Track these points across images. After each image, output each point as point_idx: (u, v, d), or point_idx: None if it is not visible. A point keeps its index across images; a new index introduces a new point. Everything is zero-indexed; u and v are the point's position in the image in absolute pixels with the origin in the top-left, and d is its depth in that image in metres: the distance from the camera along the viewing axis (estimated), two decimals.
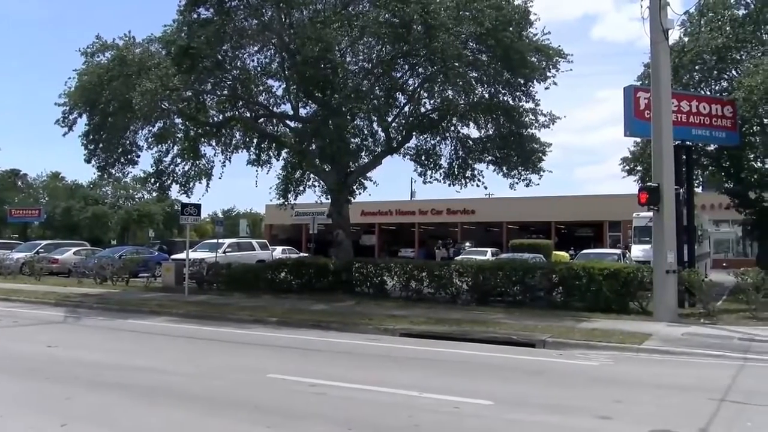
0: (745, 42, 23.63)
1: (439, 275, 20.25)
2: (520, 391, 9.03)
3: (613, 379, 10.11)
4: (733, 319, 16.17)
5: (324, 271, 22.76)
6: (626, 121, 19.17)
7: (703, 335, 13.79)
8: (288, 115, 25.16)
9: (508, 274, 19.25)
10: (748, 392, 8.87)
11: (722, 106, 20.92)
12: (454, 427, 7.30)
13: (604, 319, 15.87)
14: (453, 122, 24.84)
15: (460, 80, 21.20)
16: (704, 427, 7.09)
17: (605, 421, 7.43)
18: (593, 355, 11.99)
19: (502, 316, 16.54)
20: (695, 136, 20.56)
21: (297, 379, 9.54)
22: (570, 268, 19.01)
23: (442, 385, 9.20)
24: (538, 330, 14.13)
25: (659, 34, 16.40)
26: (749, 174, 25.21)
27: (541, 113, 23.43)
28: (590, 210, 50.19)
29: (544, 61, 22.09)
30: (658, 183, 16.40)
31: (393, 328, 14.83)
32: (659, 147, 16.57)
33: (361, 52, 23.44)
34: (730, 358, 11.57)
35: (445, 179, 25.68)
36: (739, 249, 47.55)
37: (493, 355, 12.06)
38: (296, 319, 16.39)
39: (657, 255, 16.54)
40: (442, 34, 19.44)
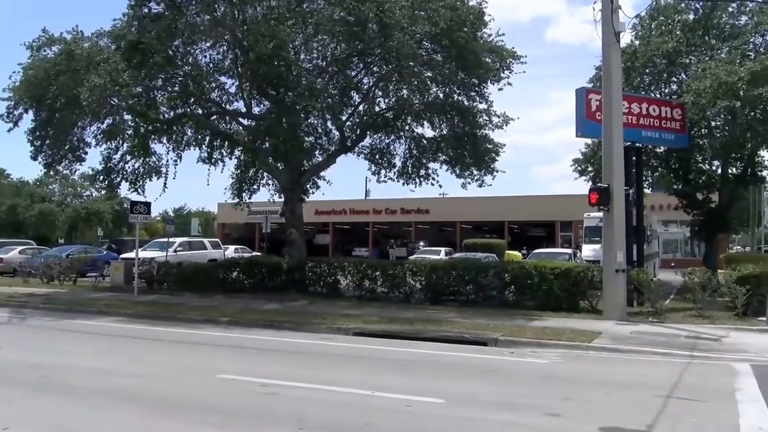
0: (695, 46, 24.24)
1: (392, 274, 20.26)
2: (471, 389, 9.06)
3: (562, 377, 10.24)
4: (680, 318, 16.54)
5: (277, 271, 22.55)
6: (578, 122, 19.46)
7: (651, 333, 14.08)
8: (241, 112, 24.87)
9: (461, 273, 19.37)
10: (693, 389, 9.08)
11: (672, 108, 21.43)
12: (406, 425, 7.29)
13: (555, 318, 16.08)
14: (407, 121, 24.90)
15: (415, 80, 21.27)
16: (651, 423, 7.22)
17: (554, 418, 7.51)
18: (544, 353, 12.13)
19: (454, 315, 16.62)
20: (645, 137, 21.01)
21: (248, 379, 9.41)
22: (522, 267, 19.24)
23: (395, 384, 9.20)
24: (490, 329, 14.24)
25: (611, 36, 16.67)
26: (697, 176, 25.91)
27: (495, 114, 23.65)
28: (543, 210, 50.92)
29: (498, 62, 22.28)
30: (609, 184, 16.67)
31: (346, 327, 14.78)
32: (610, 148, 16.85)
33: (315, 49, 23.28)
34: (677, 355, 11.83)
35: (399, 178, 25.79)
36: (687, 249, 48.73)
37: (446, 354, 12.10)
38: (248, 319, 16.20)
39: (607, 254, 16.83)
40: (397, 33, 19.43)
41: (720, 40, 24.30)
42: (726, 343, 13.08)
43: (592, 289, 17.78)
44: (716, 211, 25.87)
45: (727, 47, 23.35)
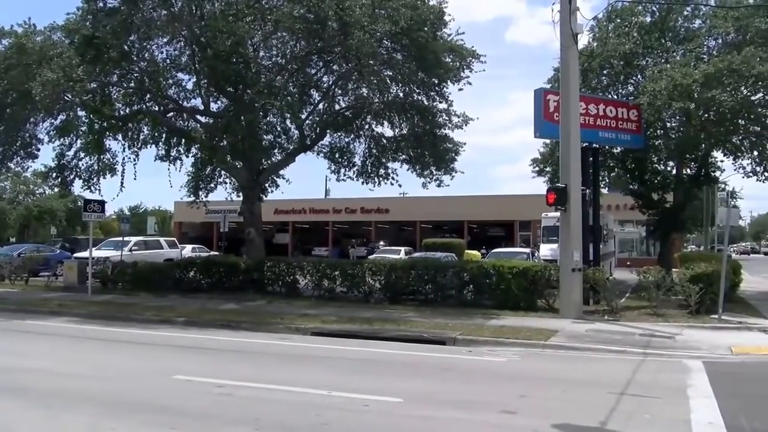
0: (651, 48, 24.73)
1: (351, 274, 20.16)
2: (429, 388, 9.04)
3: (519, 375, 10.30)
4: (635, 316, 16.79)
5: (235, 270, 22.25)
6: (536, 122, 19.59)
7: (607, 332, 14.26)
8: (198, 109, 24.48)
9: (421, 273, 19.38)
10: (646, 386, 9.20)
11: (628, 110, 21.79)
12: (363, 424, 7.24)
13: (513, 317, 16.19)
14: (367, 120, 24.78)
15: (375, 78, 21.19)
16: (604, 420, 7.29)
17: (510, 415, 7.53)
18: (501, 352, 12.20)
19: (413, 314, 16.62)
20: (602, 138, 21.30)
21: (204, 380, 9.25)
22: (480, 266, 19.31)
23: (353, 384, 9.13)
24: (449, 328, 14.27)
25: (569, 38, 16.83)
26: (652, 176, 26.36)
27: (455, 114, 23.70)
28: (502, 210, 51.33)
29: (458, 61, 22.35)
30: (566, 184, 16.83)
31: (304, 327, 14.66)
32: (567, 149, 17.02)
33: (274, 47, 23.04)
34: (631, 353, 12.01)
35: (358, 177, 25.72)
36: (642, 248, 49.59)
37: (404, 353, 12.08)
38: (205, 319, 15.96)
39: (563, 254, 17.00)
40: (357, 32, 19.34)
41: (675, 42, 24.84)
42: (679, 340, 13.34)
43: (550, 288, 17.92)
44: (671, 211, 26.36)
45: (682, 50, 23.91)
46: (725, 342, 13.08)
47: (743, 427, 7.11)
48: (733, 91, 19.75)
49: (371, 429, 7.13)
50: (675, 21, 24.82)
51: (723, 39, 23.41)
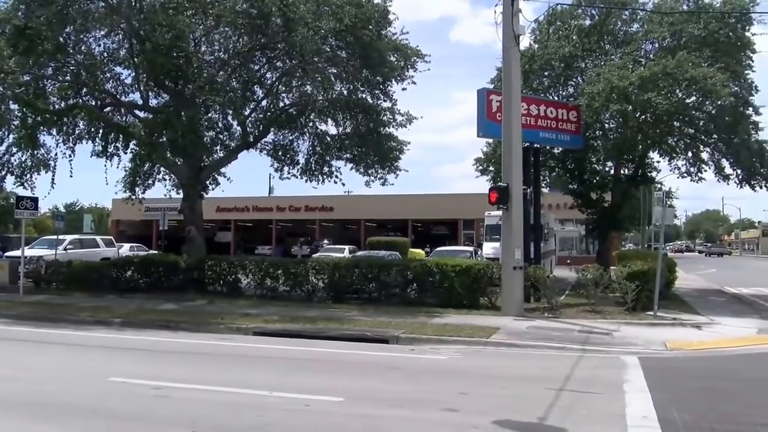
0: (590, 51, 25.25)
1: (295, 273, 19.96)
2: (371, 387, 9.02)
3: (461, 372, 10.35)
4: (574, 313, 17.13)
5: (174, 269, 21.76)
6: (479, 122, 19.78)
7: (547, 328, 14.50)
8: (137, 104, 23.81)
9: (364, 271, 19.34)
10: (584, 381, 9.37)
11: (568, 111, 22.22)
12: (303, 424, 7.14)
13: (456, 315, 16.29)
14: (311, 118, 24.61)
15: (319, 76, 21.07)
16: (543, 415, 7.38)
17: (451, 413, 7.56)
18: (444, 350, 12.25)
19: (357, 313, 16.56)
20: (543, 138, 21.66)
21: (140, 381, 8.98)
22: (424, 265, 19.38)
23: (294, 384, 9.02)
24: (392, 326, 14.27)
25: (511, 39, 17.05)
26: (591, 176, 26.93)
27: (399, 112, 23.79)
28: (446, 208, 51.77)
29: (402, 60, 22.42)
30: (508, 183, 17.04)
31: (246, 327, 14.43)
32: (509, 148, 17.24)
33: (216, 42, 22.67)
34: (570, 349, 12.22)
35: (302, 175, 25.50)
36: (582, 247, 50.62)
37: (347, 352, 12.02)
38: (143, 320, 15.54)
39: (505, 252, 17.20)
40: (301, 28, 19.22)
41: (614, 45, 25.44)
42: (616, 336, 13.65)
43: (492, 286, 18.10)
44: (609, 210, 26.98)
45: (620, 53, 24.47)
46: (660, 338, 13.46)
47: (675, 419, 7.29)
48: (668, 94, 20.33)
49: (312, 429, 7.03)
50: (613, 25, 25.42)
51: (659, 43, 24.05)
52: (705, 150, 24.48)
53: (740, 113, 21.55)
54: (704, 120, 22.33)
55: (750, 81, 22.82)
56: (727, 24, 22.15)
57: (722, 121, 21.53)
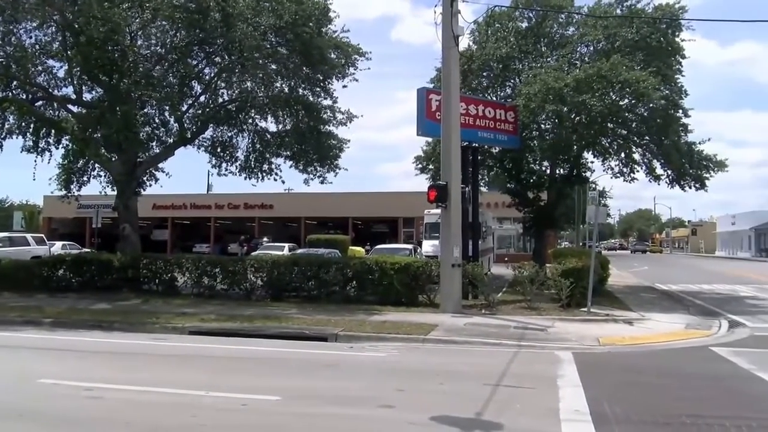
0: (527, 53, 25.72)
1: (233, 271, 19.72)
2: (308, 385, 8.98)
3: (398, 369, 10.42)
4: (511, 309, 17.47)
5: (108, 268, 21.17)
6: (419, 121, 19.94)
7: (484, 325, 14.73)
8: (70, 99, 23.06)
9: (303, 269, 19.26)
10: (519, 376, 9.56)
11: (505, 111, 22.60)
12: (239, 424, 7.08)
13: (395, 312, 16.40)
14: (251, 115, 24.34)
15: (260, 72, 20.85)
16: (479, 411, 7.49)
17: (388, 409, 7.61)
18: (382, 347, 12.30)
19: (296, 311, 16.48)
20: (481, 138, 21.98)
21: (72, 383, 8.72)
22: (363, 262, 19.42)
23: (231, 383, 8.92)
24: (331, 324, 14.27)
25: (450, 40, 17.22)
26: (528, 175, 27.49)
27: (339, 110, 23.74)
28: (386, 206, 52.00)
29: (343, 58, 22.37)
30: (447, 181, 17.22)
31: (182, 326, 14.19)
32: (448, 147, 17.42)
33: (153, 36, 22.04)
34: (507, 345, 12.44)
35: (241, 172, 25.18)
36: (519, 245, 51.55)
37: (285, 351, 11.96)
38: (74, 320, 15.08)
39: (444, 250, 17.39)
40: (240, 24, 18.99)
41: (550, 48, 25.98)
42: (551, 332, 13.97)
43: (431, 284, 18.28)
44: (545, 209, 27.58)
45: (556, 55, 25.05)
46: (593, 333, 13.84)
47: (606, 412, 7.52)
48: (602, 96, 20.87)
49: (248, 428, 6.98)
50: (550, 27, 25.97)
51: (594, 46, 24.70)
52: (637, 151, 25.24)
53: (670, 116, 22.27)
54: (636, 122, 23.02)
55: (680, 85, 23.65)
56: (659, 29, 22.91)
57: (653, 123, 22.23)
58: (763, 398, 8.72)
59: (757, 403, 8.46)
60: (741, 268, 45.75)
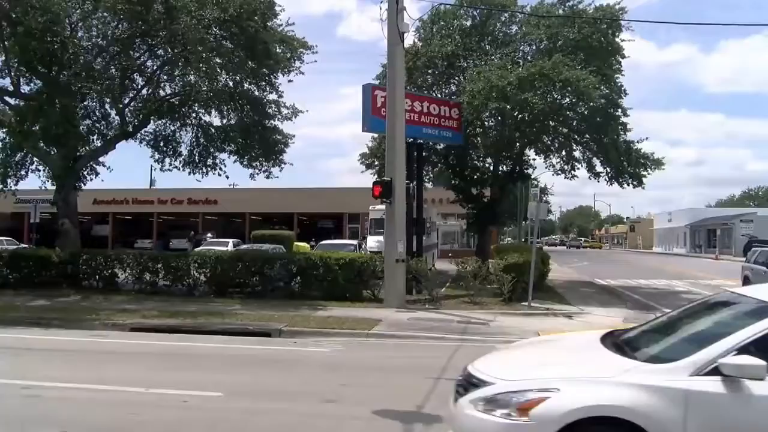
0: (472, 51, 26.03)
1: (175, 267, 19.49)
2: (251, 381, 9.00)
3: (342, 364, 10.52)
4: (454, 304, 17.73)
5: (46, 264, 20.60)
6: (364, 117, 20.01)
7: (427, 319, 14.93)
8: (7, 90, 22.29)
9: (248, 264, 19.17)
10: (461, 370, 9.71)
11: (450, 108, 22.85)
12: (180, 420, 7.06)
13: (339, 307, 16.45)
14: (194, 108, 23.99)
15: (203, 66, 20.57)
16: (421, 403, 7.64)
17: (330, 404, 7.70)
18: (326, 342, 12.36)
19: (239, 307, 16.41)
20: (426, 134, 22.20)
21: (8, 381, 8.54)
22: (308, 258, 19.46)
23: (172, 380, 8.86)
24: (275, 319, 14.26)
25: (396, 36, 17.35)
26: (472, 172, 27.85)
27: (285, 105, 23.63)
28: (332, 202, 51.90)
29: (288, 52, 22.28)
30: (391, 177, 17.37)
31: (122, 322, 13.96)
32: (393, 143, 17.57)
33: (94, 27, 21.59)
34: (450, 339, 12.65)
35: (185, 167, 24.84)
36: (463, 240, 52.00)
37: (228, 347, 11.92)
38: (12, 317, 14.65)
39: (388, 245, 17.55)
40: (183, 17, 18.76)
41: (494, 46, 26.36)
42: (493, 326, 14.27)
43: (375, 279, 18.41)
44: (488, 205, 28.00)
45: (500, 53, 25.42)
46: (534, 327, 14.14)
47: None
48: (544, 94, 21.36)
49: (189, 425, 6.96)
50: (493, 26, 26.37)
51: (536, 45, 25.20)
52: (577, 149, 25.90)
53: (610, 115, 22.91)
54: (577, 120, 23.62)
55: (619, 84, 24.34)
56: (599, 29, 23.48)
57: (593, 122, 22.81)
58: None
59: None
60: (677, 264, 47.24)
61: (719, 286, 25.82)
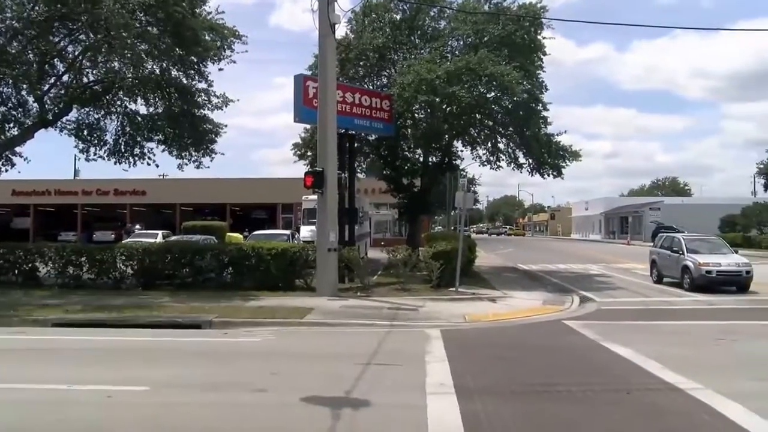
0: (402, 44, 26.33)
1: (101, 260, 18.99)
2: (180, 374, 8.88)
3: (273, 353, 10.52)
4: (385, 291, 18.05)
5: None
6: (296, 108, 19.96)
7: (359, 307, 15.16)
8: None
9: (177, 256, 18.89)
10: (390, 354, 9.95)
11: (381, 99, 23.04)
12: (103, 417, 6.86)
13: (271, 297, 16.47)
14: (120, 96, 23.27)
15: (128, 52, 19.98)
16: (350, 389, 7.75)
17: (261, 393, 7.71)
18: (258, 332, 12.36)
19: (169, 299, 16.18)
20: (357, 125, 22.31)
21: None
22: (240, 248, 19.34)
23: (96, 376, 8.65)
24: (205, 311, 14.14)
25: (327, 27, 17.37)
26: (403, 162, 28.16)
27: (215, 94, 23.20)
28: (265, 192, 51.48)
29: (218, 40, 21.90)
30: (323, 168, 17.43)
31: (44, 318, 13.53)
32: (324, 134, 17.61)
33: (9, 8, 20.62)
34: (380, 325, 12.90)
35: (110, 157, 24.05)
36: (395, 229, 52.49)
37: (156, 340, 11.74)
38: None
39: (320, 235, 17.66)
40: (106, 0, 18.12)
41: (423, 40, 26.70)
42: (422, 312, 14.62)
43: (308, 268, 18.50)
44: (418, 195, 28.36)
45: (429, 48, 25.73)
46: (461, 311, 14.62)
47: (469, 385, 8.03)
48: (470, 88, 21.82)
49: (113, 420, 6.78)
50: (423, 21, 26.73)
51: (464, 41, 25.58)
52: (502, 141, 26.60)
53: (532, 109, 23.66)
54: (501, 113, 24.17)
55: (541, 80, 25.24)
56: (523, 27, 24.14)
57: (517, 116, 23.50)
58: (606, 365, 9.57)
59: (601, 369, 9.31)
60: (592, 249, 49.45)
61: (630, 269, 27.31)
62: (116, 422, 6.75)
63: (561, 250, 50.33)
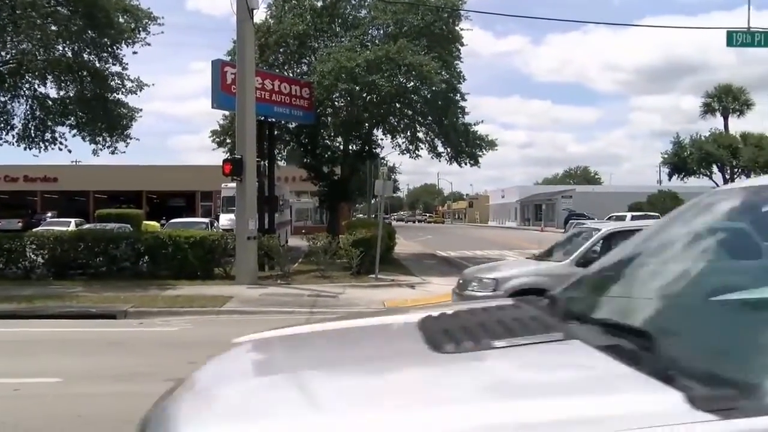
0: (322, 31, 26.36)
1: (9, 249, 18.31)
2: (92, 365, 8.77)
3: (191, 342, 10.44)
4: (306, 279, 18.16)
5: None
6: (214, 93, 19.81)
7: (279, 294, 15.24)
8: None
9: (90, 245, 18.41)
10: None
11: (301, 87, 23.04)
12: (11, 410, 6.65)
13: (189, 286, 16.33)
14: (28, 79, 22.46)
15: (37, 32, 19.29)
16: None
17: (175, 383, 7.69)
18: (175, 321, 12.29)
19: (81, 289, 15.77)
20: (277, 113, 22.28)
21: None
22: (156, 237, 19.04)
23: (3, 368, 8.42)
24: (120, 300, 13.91)
25: (245, 12, 17.20)
26: (323, 150, 28.33)
27: (129, 78, 22.71)
28: (183, 180, 50.58)
29: (132, 22, 21.41)
30: (242, 155, 17.34)
31: None
32: (243, 121, 17.51)
33: None
34: (299, 312, 12.92)
35: (19, 142, 23.21)
36: (317, 217, 52.52)
37: (69, 330, 11.48)
38: None
39: (239, 223, 17.60)
40: None
41: (344, 28, 26.84)
42: (342, 299, 14.86)
43: (227, 257, 18.40)
44: (339, 183, 28.58)
45: (350, 36, 25.88)
46: (380, 297, 14.95)
47: None
48: (390, 77, 22.13)
49: (19, 413, 6.58)
50: (344, 8, 26.85)
51: (384, 30, 25.88)
52: (421, 130, 27.13)
53: (450, 99, 24.25)
54: (420, 103, 24.67)
55: (459, 71, 25.78)
56: (441, 17, 24.63)
57: (435, 105, 24.02)
58: None
59: None
60: (509, 236, 51.12)
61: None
62: (23, 415, 6.56)
63: (479, 236, 51.57)
